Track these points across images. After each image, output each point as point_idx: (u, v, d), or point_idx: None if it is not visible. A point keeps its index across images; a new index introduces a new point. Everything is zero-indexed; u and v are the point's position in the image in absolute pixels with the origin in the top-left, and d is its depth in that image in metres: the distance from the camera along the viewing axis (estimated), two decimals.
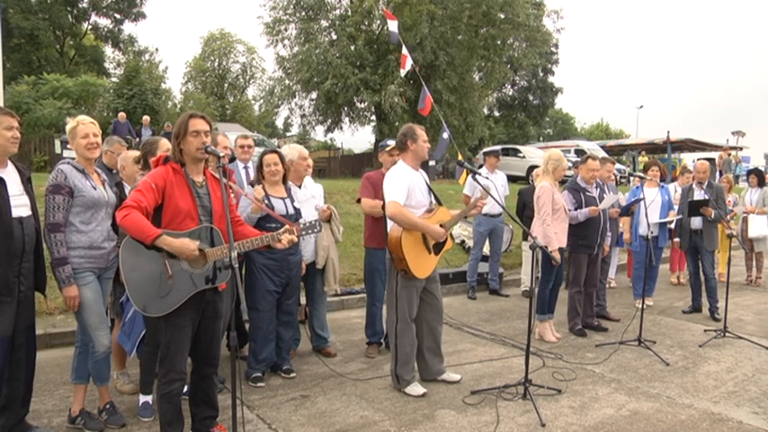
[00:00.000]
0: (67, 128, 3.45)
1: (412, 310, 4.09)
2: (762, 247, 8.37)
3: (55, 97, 20.22)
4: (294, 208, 4.30)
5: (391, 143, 4.86)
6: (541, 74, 35.11)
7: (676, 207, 7.24)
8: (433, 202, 4.20)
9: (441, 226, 4.02)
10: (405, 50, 12.27)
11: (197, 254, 2.85)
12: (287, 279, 4.26)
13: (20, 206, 3.05)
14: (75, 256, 3.24)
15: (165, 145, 3.65)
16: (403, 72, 13.05)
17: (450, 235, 4.29)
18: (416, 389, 4.07)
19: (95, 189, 3.35)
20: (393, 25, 12.34)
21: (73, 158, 3.44)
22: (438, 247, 4.11)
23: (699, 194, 6.52)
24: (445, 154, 17.23)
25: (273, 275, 4.18)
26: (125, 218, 2.74)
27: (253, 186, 4.28)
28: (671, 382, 4.44)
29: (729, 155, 21.60)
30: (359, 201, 5.01)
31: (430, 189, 4.21)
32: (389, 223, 4.02)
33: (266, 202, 4.13)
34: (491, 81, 25.71)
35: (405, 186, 3.93)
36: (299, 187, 4.68)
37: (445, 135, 12.66)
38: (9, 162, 3.13)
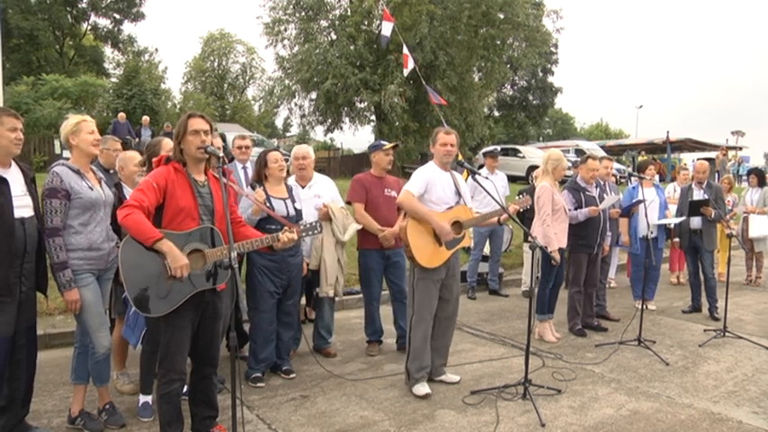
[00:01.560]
0: (68, 126, 3.31)
1: (429, 303, 4.10)
2: (762, 246, 8.36)
3: (54, 97, 20.21)
4: (295, 209, 4.29)
5: (385, 143, 5.05)
6: (541, 74, 35.09)
7: (672, 206, 7.23)
8: (461, 202, 4.22)
9: (456, 222, 4.09)
10: (405, 50, 12.30)
11: (185, 273, 2.81)
12: (287, 281, 4.24)
13: (22, 207, 3.04)
14: (75, 257, 3.22)
15: (167, 145, 3.63)
16: (406, 71, 13.05)
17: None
18: (420, 389, 4.05)
19: (92, 189, 3.31)
20: (388, 28, 12.34)
21: (68, 159, 3.38)
22: (451, 243, 4.11)
23: (698, 194, 6.52)
24: None
25: (273, 276, 4.17)
26: (126, 217, 2.75)
27: (254, 188, 4.25)
28: (671, 382, 4.44)
29: (725, 155, 21.57)
30: (348, 203, 4.97)
31: (458, 191, 4.22)
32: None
33: (267, 203, 4.12)
34: (491, 81, 25.68)
35: (423, 181, 4.10)
36: (303, 188, 4.69)
37: None
38: (13, 162, 3.12)
